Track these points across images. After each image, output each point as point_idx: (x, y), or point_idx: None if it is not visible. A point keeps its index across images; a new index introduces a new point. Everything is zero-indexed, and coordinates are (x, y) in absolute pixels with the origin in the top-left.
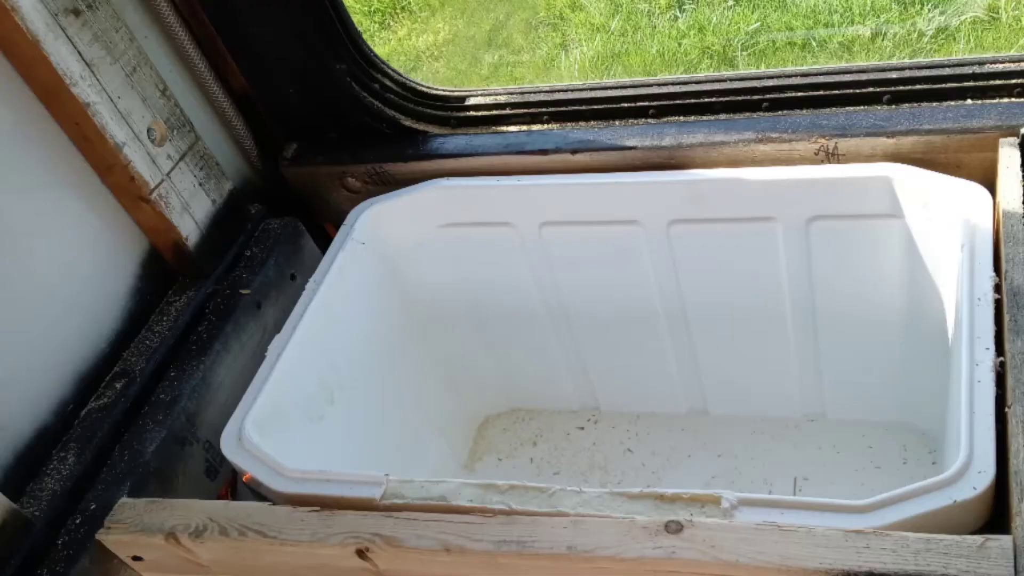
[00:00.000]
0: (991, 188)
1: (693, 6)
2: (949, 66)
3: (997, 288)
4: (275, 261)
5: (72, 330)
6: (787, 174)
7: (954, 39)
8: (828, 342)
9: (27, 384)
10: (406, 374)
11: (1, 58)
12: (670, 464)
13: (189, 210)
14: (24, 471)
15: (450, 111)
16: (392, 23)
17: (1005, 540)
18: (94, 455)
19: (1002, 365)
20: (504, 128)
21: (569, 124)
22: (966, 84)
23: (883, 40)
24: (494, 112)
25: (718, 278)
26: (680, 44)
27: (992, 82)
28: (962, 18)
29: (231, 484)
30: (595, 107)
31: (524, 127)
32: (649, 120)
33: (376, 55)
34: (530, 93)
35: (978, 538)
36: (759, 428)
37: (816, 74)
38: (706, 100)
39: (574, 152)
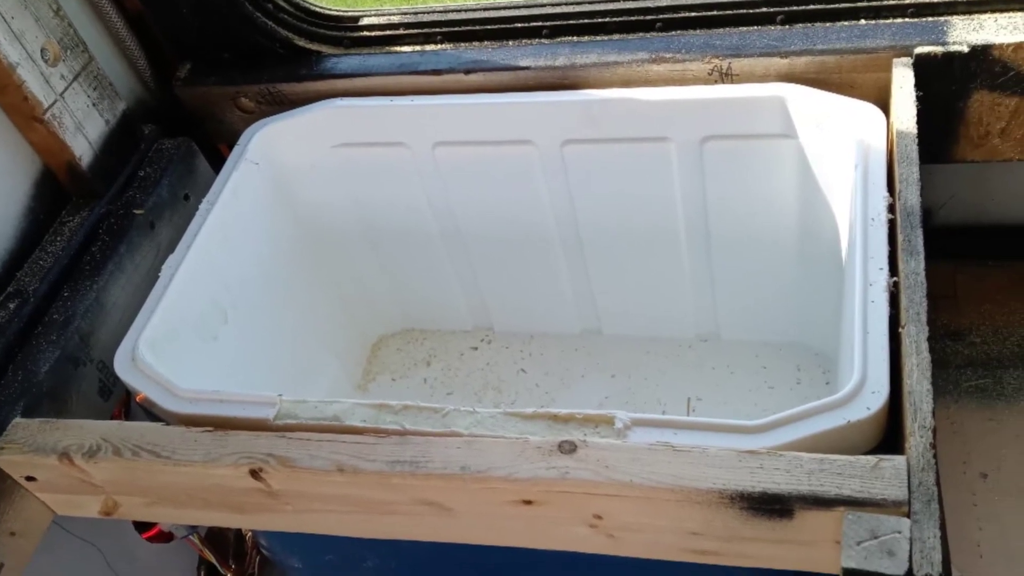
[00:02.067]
0: (885, 108)
1: None
2: None
3: (891, 208)
4: (168, 181)
5: None
6: (680, 94)
7: None
8: (722, 263)
9: None
10: (300, 294)
11: None
12: (563, 384)
13: (83, 130)
14: None
15: (343, 31)
16: None
17: (899, 460)
18: None
19: (896, 285)
20: (398, 48)
21: (463, 44)
22: (859, 4)
23: None
24: (388, 32)
25: (612, 199)
26: None
27: (885, 2)
28: None
29: (125, 404)
30: (488, 27)
31: (418, 47)
32: (543, 40)
33: None
34: (424, 13)
35: (872, 458)
36: (653, 348)
37: None
38: (600, 20)
39: (467, 72)
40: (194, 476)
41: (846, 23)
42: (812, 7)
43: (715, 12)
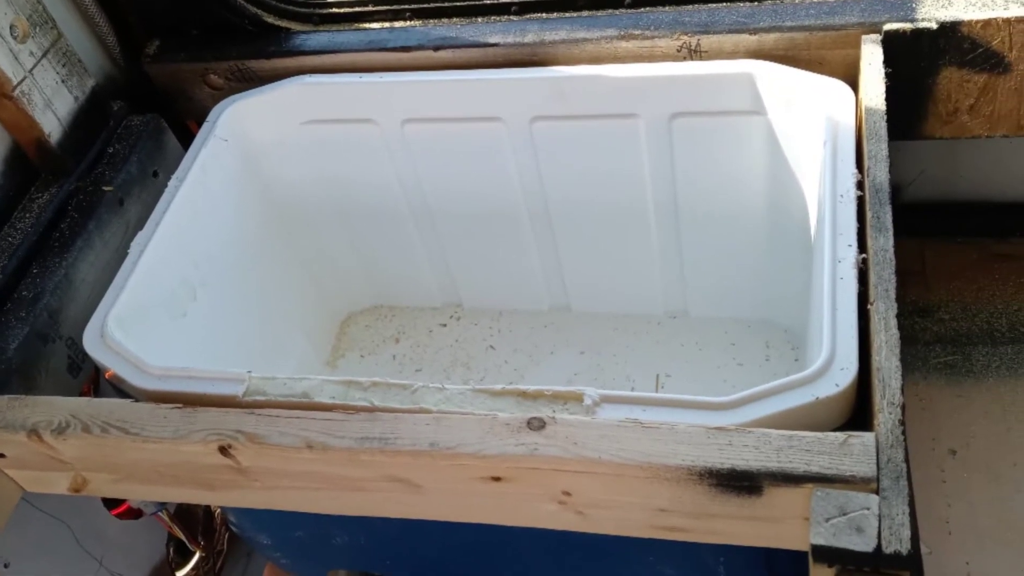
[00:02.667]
0: (854, 85)
1: None
2: None
3: (859, 185)
4: (138, 158)
5: None
6: (649, 71)
7: None
8: (691, 240)
9: None
10: (269, 271)
11: None
12: (532, 361)
13: (52, 107)
14: None
15: (312, 8)
16: None
17: (867, 437)
18: None
19: (864, 262)
20: (367, 25)
21: (432, 21)
22: None
23: None
24: (357, 9)
25: (581, 175)
26: None
27: None
28: None
29: (94, 381)
30: (457, 4)
31: (387, 24)
32: (512, 17)
33: None
34: None
35: (840, 435)
36: (622, 325)
37: None
38: None
39: (436, 49)
40: (163, 453)
41: (815, 0)
42: None
43: None
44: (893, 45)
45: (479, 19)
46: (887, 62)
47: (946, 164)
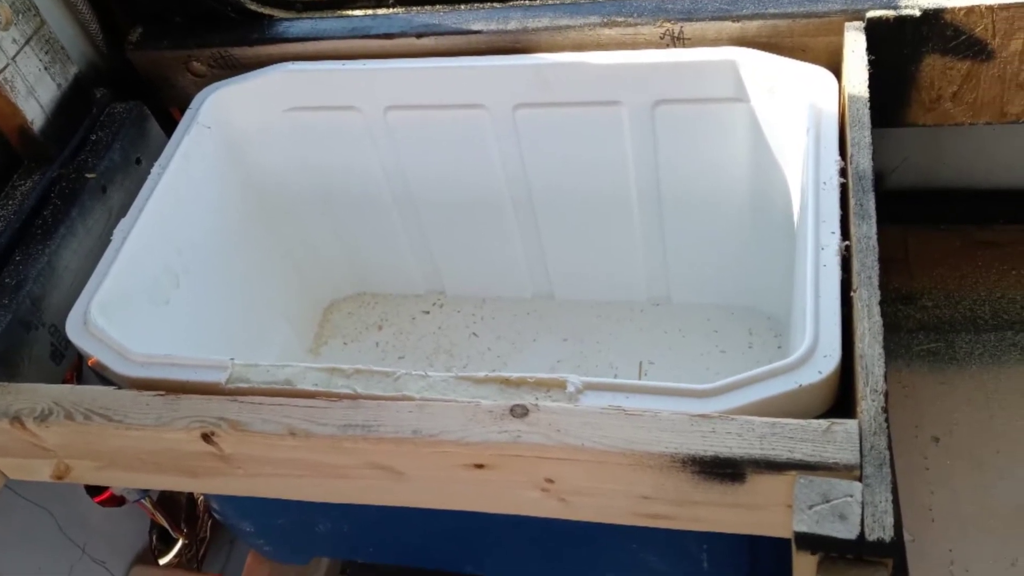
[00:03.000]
0: (837, 72)
1: None
2: None
3: (842, 172)
4: (120, 145)
5: None
6: (632, 58)
7: None
8: (674, 227)
9: None
10: (252, 258)
11: None
12: (515, 348)
13: (35, 94)
14: None
15: None
16: None
17: (851, 424)
18: None
19: (847, 249)
20: (349, 12)
21: (415, 8)
22: None
23: None
24: None
25: (564, 163)
26: None
27: None
28: None
29: (77, 368)
30: None
31: (369, 11)
32: (495, 4)
33: None
34: None
35: (824, 422)
36: (605, 312)
37: None
38: None
39: (419, 36)
40: (146, 440)
41: None
42: None
43: None
44: (876, 32)
45: (462, 6)
46: (870, 49)
47: (929, 151)
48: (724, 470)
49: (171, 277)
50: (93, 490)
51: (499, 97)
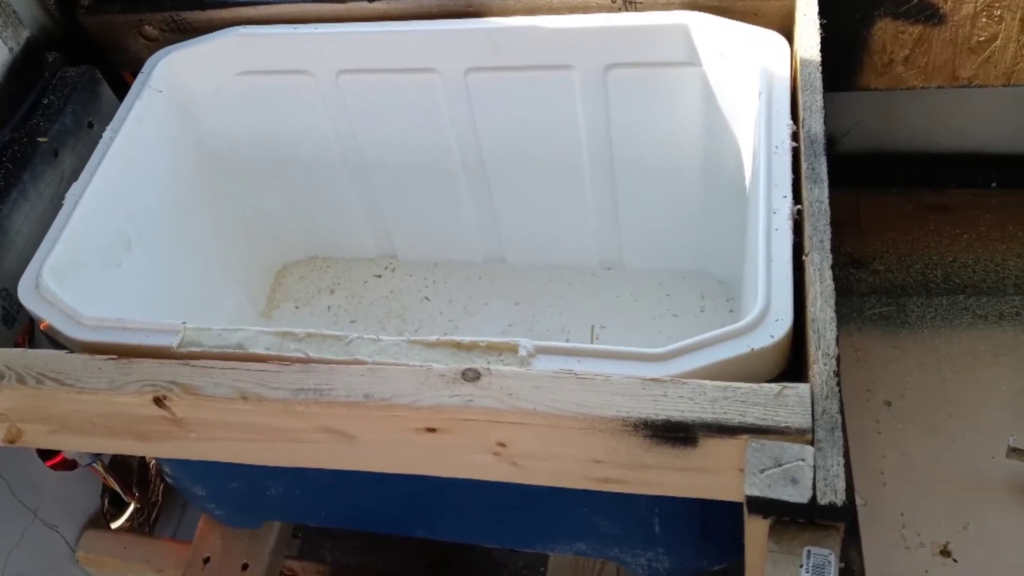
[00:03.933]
0: (789, 36)
1: None
2: None
3: (794, 136)
4: (72, 109)
5: None
6: (584, 22)
7: None
8: (626, 191)
9: None
10: (204, 222)
11: None
12: (467, 312)
13: None
14: None
15: None
16: None
17: (802, 388)
18: None
19: (799, 213)
20: None
21: None
22: None
23: None
24: None
25: (516, 127)
26: None
27: None
28: None
29: (28, 332)
30: None
31: None
32: None
33: None
34: None
35: (775, 386)
36: (557, 276)
37: None
38: None
39: (371, 0)
40: (98, 404)
41: None
42: None
43: None
44: None
45: None
46: (822, 13)
47: (881, 115)
48: (676, 434)
49: (123, 241)
50: (45, 454)
51: (451, 61)
